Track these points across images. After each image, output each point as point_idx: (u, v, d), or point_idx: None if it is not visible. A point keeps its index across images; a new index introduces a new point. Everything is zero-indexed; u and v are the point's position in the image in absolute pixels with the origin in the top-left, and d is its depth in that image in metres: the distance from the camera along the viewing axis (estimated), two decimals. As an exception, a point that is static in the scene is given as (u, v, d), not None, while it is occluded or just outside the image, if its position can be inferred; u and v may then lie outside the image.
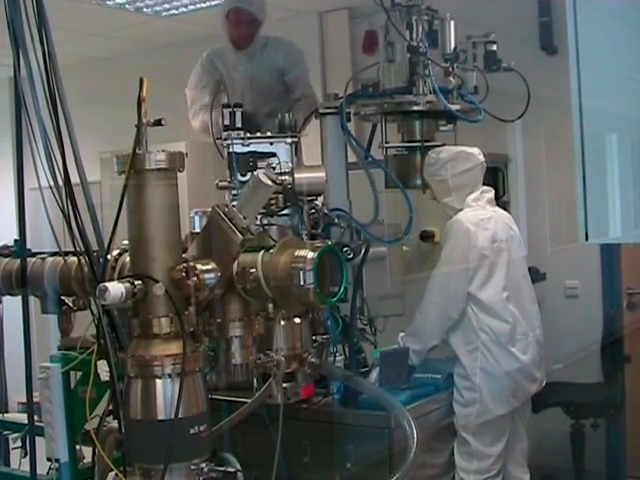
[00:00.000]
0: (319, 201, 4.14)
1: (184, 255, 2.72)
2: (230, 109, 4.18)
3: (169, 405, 2.59)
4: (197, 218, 3.81)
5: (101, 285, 2.54)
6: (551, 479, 5.79)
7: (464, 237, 4.21)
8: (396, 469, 3.19)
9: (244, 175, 4.08)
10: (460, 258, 4.22)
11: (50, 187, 2.71)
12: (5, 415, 4.28)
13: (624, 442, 5.94)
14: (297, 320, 3.58)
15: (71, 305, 3.55)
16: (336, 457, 3.90)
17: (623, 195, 5.43)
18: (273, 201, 3.94)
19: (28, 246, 3.20)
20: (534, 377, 4.36)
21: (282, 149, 4.21)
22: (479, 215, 4.30)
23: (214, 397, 2.91)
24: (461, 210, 4.31)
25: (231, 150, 4.14)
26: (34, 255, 3.49)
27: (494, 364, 4.20)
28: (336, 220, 4.10)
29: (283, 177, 3.93)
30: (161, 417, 2.60)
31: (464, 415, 4.21)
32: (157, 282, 2.60)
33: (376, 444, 3.87)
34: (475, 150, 4.40)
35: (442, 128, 4.71)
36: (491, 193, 4.46)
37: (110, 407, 2.85)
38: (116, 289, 2.54)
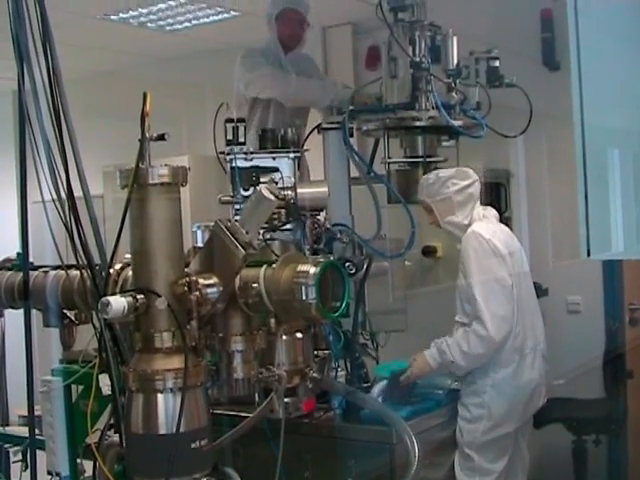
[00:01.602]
0: (321, 216, 4.14)
1: (186, 269, 2.72)
2: (233, 124, 4.18)
3: (170, 419, 2.59)
4: (199, 232, 3.81)
5: (103, 299, 2.55)
6: (553, 495, 5.79)
7: (484, 243, 4.19)
8: (397, 484, 3.19)
9: (247, 190, 4.09)
10: (492, 261, 4.19)
11: (53, 200, 2.71)
12: (6, 428, 4.27)
13: (626, 458, 5.93)
14: (299, 335, 3.58)
15: (73, 319, 3.55)
16: (337, 472, 3.90)
17: (625, 210, 5.43)
18: (275, 216, 3.94)
19: (31, 259, 3.21)
20: (541, 393, 4.36)
21: (285, 164, 4.21)
22: (491, 227, 4.31)
23: (215, 411, 2.91)
24: (468, 225, 4.29)
25: (234, 165, 4.15)
26: (36, 268, 3.49)
27: (503, 380, 4.19)
28: (338, 235, 4.11)
29: (285, 192, 3.94)
30: (162, 431, 2.60)
31: (470, 431, 4.20)
32: (159, 296, 2.60)
33: (377, 459, 3.86)
34: (469, 169, 4.41)
35: (444, 144, 4.72)
36: (494, 210, 4.47)
37: (111, 421, 2.85)
38: (118, 303, 2.54)
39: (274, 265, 2.82)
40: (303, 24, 5.59)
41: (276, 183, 4.00)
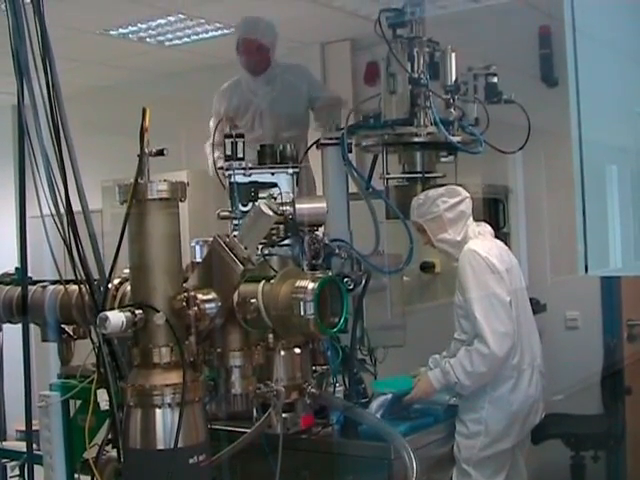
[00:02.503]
0: (320, 231, 4.14)
1: (185, 284, 2.72)
2: (232, 139, 4.19)
3: (168, 434, 2.58)
4: (198, 248, 3.81)
5: (102, 314, 2.54)
6: (551, 512, 5.77)
7: (481, 261, 4.18)
8: (395, 500, 3.18)
9: (245, 205, 4.09)
10: (489, 278, 4.18)
11: (52, 215, 2.71)
12: (4, 443, 4.25)
13: (625, 474, 5.91)
14: (297, 350, 3.58)
15: (71, 333, 3.54)
16: (335, 488, 3.89)
17: (623, 226, 5.44)
18: (274, 231, 3.94)
19: (29, 274, 3.20)
20: (539, 409, 4.35)
21: (283, 179, 4.22)
22: (487, 245, 4.30)
23: (214, 427, 2.90)
24: (461, 242, 4.29)
25: (232, 180, 4.15)
26: (35, 283, 3.48)
27: (501, 396, 4.19)
28: (337, 250, 4.10)
29: (284, 207, 3.94)
30: (160, 446, 2.59)
31: (467, 447, 4.19)
32: (158, 311, 2.60)
33: (376, 475, 3.86)
34: (459, 187, 4.41)
35: (443, 159, 4.73)
36: (488, 227, 4.47)
37: (109, 436, 2.85)
38: (117, 318, 2.54)
39: (272, 280, 2.82)
40: (262, 49, 5.64)
41: (275, 198, 4.01)
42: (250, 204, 4.04)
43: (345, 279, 3.92)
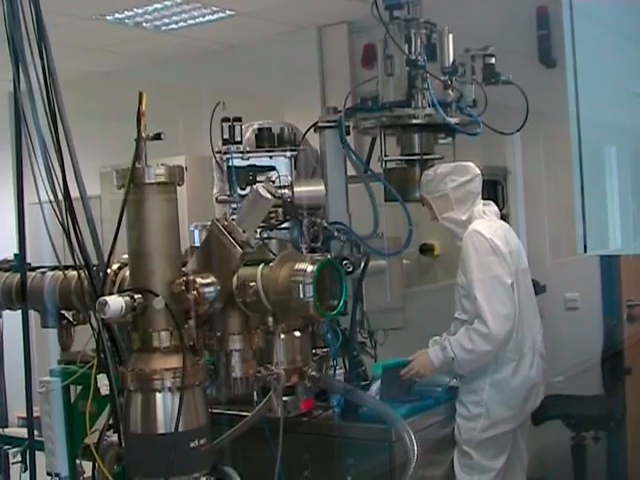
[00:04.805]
0: (319, 214, 4.14)
1: (184, 269, 2.72)
2: (229, 123, 4.17)
3: (169, 419, 2.58)
4: (197, 232, 3.81)
5: (101, 299, 2.54)
6: (552, 492, 5.79)
7: (485, 242, 4.18)
8: (397, 482, 3.19)
9: (243, 189, 4.08)
10: (492, 260, 4.18)
11: (50, 201, 2.71)
12: (5, 429, 4.26)
13: (625, 454, 5.93)
14: (297, 333, 3.58)
15: (71, 319, 3.54)
16: (337, 471, 3.90)
17: (622, 207, 5.44)
18: (273, 214, 3.94)
19: (28, 260, 3.21)
20: (540, 392, 4.36)
21: (281, 163, 4.21)
22: (492, 226, 4.30)
23: (214, 411, 2.91)
24: (466, 222, 4.28)
25: (230, 164, 4.14)
26: (34, 269, 3.48)
27: (502, 379, 4.19)
28: (336, 233, 4.11)
29: (282, 191, 3.94)
30: (161, 431, 2.59)
31: (468, 429, 4.20)
32: (157, 296, 2.60)
33: (376, 458, 3.87)
34: (471, 164, 4.40)
35: (441, 141, 4.71)
36: (495, 206, 4.46)
37: (110, 421, 2.84)
38: (116, 303, 2.54)
39: (271, 264, 2.82)
40: None
41: (273, 182, 4.00)
42: (248, 188, 4.03)
43: (344, 262, 3.92)
